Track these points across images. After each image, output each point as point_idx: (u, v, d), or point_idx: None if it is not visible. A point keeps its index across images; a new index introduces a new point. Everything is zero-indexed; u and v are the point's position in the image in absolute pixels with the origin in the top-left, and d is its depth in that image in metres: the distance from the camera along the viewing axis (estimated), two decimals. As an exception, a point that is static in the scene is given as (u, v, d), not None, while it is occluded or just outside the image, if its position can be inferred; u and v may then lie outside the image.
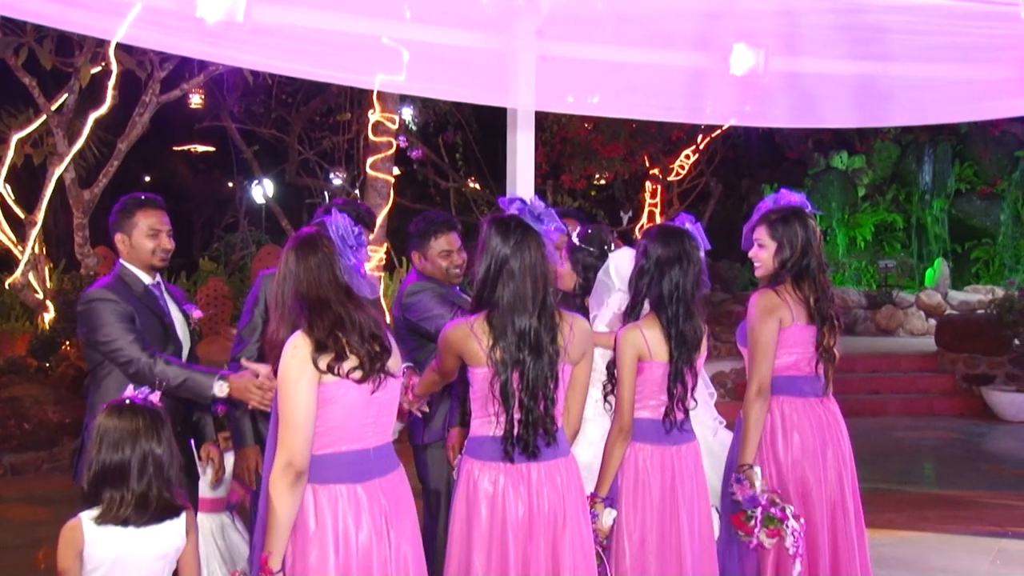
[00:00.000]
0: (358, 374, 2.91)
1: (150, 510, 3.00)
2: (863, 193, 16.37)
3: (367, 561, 2.90)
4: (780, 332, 3.88)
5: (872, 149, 16.29)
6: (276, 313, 3.01)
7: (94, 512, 2.99)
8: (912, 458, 9.19)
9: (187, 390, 3.69)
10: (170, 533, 3.05)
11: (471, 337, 3.21)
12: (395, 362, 3.07)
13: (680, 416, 3.67)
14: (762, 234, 4.00)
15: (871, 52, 4.88)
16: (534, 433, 3.19)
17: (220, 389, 3.62)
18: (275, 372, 2.97)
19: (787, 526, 3.67)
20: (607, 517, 3.53)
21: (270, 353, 3.03)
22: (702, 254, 3.76)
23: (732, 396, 10.43)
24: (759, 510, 3.69)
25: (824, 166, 16.47)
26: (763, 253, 4.01)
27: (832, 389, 4.04)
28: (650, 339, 3.61)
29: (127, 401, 3.08)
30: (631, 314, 3.71)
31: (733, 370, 10.92)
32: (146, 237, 3.94)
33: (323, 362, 2.86)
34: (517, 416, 3.18)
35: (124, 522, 2.97)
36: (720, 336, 11.09)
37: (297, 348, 2.88)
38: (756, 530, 3.67)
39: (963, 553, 5.96)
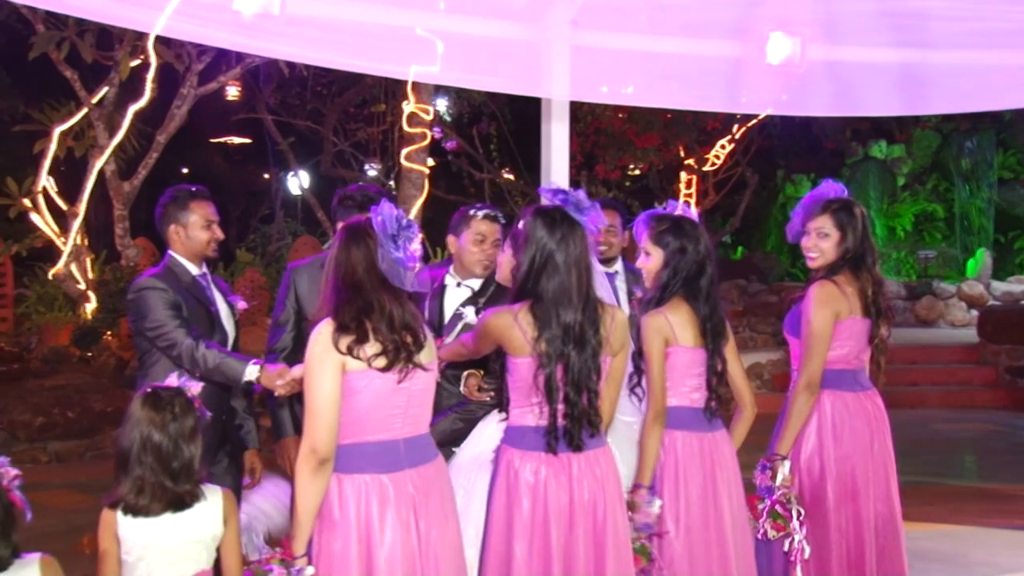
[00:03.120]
0: (381, 361, 2.90)
1: (157, 499, 3.01)
2: (902, 183, 16.18)
3: (392, 552, 2.90)
4: (835, 325, 3.84)
5: (912, 138, 16.09)
6: (320, 300, 3.04)
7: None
8: (952, 450, 9.08)
9: (221, 374, 3.76)
10: (201, 519, 3.06)
11: (514, 327, 3.19)
12: (428, 355, 3.05)
13: (714, 391, 3.66)
14: (826, 223, 3.95)
15: (912, 39, 4.80)
16: (578, 426, 3.18)
17: (251, 374, 3.69)
18: None
19: (792, 527, 3.67)
20: (655, 505, 3.50)
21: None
22: None
23: (768, 388, 10.36)
24: (768, 502, 3.71)
25: (862, 155, 16.28)
26: (825, 243, 3.95)
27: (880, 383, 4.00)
28: (675, 324, 3.60)
29: (149, 389, 3.12)
30: (656, 302, 3.68)
31: (769, 361, 10.83)
32: (201, 228, 4.04)
33: (343, 343, 2.86)
34: (561, 408, 3.17)
35: (135, 511, 3.00)
36: (755, 327, 11.04)
37: (320, 333, 2.90)
38: (762, 519, 3.70)
39: (1004, 548, 5.88)
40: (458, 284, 4.22)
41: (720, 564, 3.57)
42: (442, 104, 14.04)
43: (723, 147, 14.18)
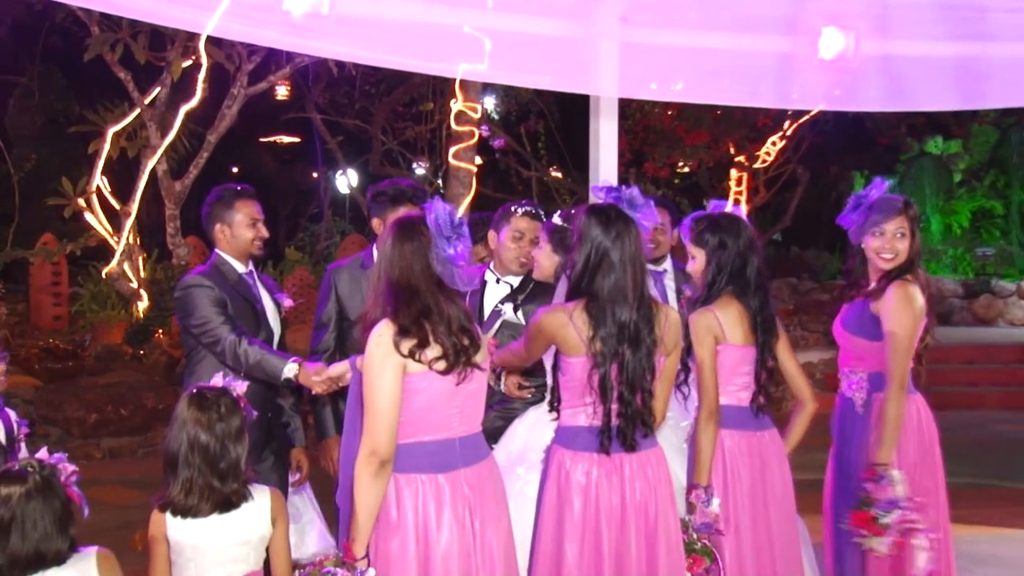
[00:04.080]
0: (442, 364, 2.90)
1: (205, 499, 3.02)
2: (959, 179, 15.87)
3: (449, 551, 2.90)
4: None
5: (969, 133, 15.77)
6: (371, 295, 3.04)
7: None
8: (1011, 452, 8.86)
9: (262, 370, 3.79)
10: (248, 520, 3.08)
11: (569, 325, 3.16)
12: (483, 355, 3.06)
13: (764, 389, 3.63)
14: (904, 224, 3.87)
15: (969, 32, 4.69)
16: (632, 426, 3.16)
17: (290, 371, 3.73)
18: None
19: (920, 539, 3.57)
20: (715, 504, 3.47)
21: (363, 332, 3.02)
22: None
23: (820, 387, 10.15)
24: (896, 513, 3.56)
25: (918, 151, 15.99)
26: (903, 244, 3.87)
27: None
28: (724, 321, 3.57)
29: (196, 389, 3.13)
30: (704, 301, 3.66)
31: (821, 360, 10.68)
32: (246, 227, 4.08)
33: (405, 347, 2.86)
34: (615, 408, 3.15)
35: (184, 512, 3.01)
36: (807, 325, 10.88)
37: (381, 336, 2.89)
38: (887, 533, 3.56)
39: (1065, 553, 5.74)
40: (497, 280, 4.22)
41: (769, 564, 3.54)
42: (490, 102, 14.04)
43: (774, 144, 13.99)
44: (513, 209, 4.25)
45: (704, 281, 3.68)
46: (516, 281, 4.20)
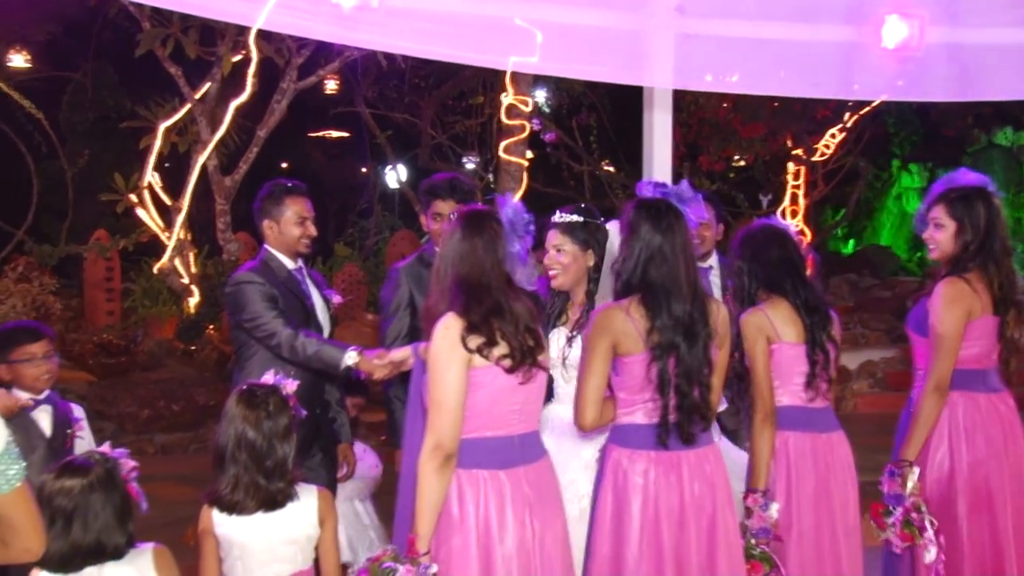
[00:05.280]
0: (508, 363, 2.88)
1: (251, 496, 3.02)
2: (1031, 171, 15.51)
3: (509, 549, 2.88)
4: (967, 324, 3.64)
5: (1042, 123, 15.38)
6: (436, 288, 3.01)
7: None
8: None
9: (320, 361, 3.80)
10: (295, 519, 3.08)
11: (628, 320, 3.13)
12: (547, 356, 3.05)
13: (824, 387, 3.56)
14: (940, 214, 3.76)
15: (1042, 17, 4.56)
16: (690, 420, 3.13)
17: (350, 359, 3.74)
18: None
19: (925, 537, 3.50)
20: (772, 509, 3.42)
21: (427, 324, 3.01)
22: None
23: (882, 387, 10.02)
24: (899, 510, 3.54)
25: (985, 143, 15.61)
26: (940, 234, 3.76)
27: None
28: (775, 319, 3.53)
29: (245, 386, 3.13)
30: (744, 301, 3.64)
31: (882, 359, 10.45)
32: (293, 224, 4.09)
33: (472, 343, 2.84)
34: (672, 402, 3.11)
35: (230, 508, 3.02)
36: (867, 323, 10.68)
37: (448, 329, 2.86)
38: (889, 528, 3.56)
39: None
40: None
41: (833, 570, 3.48)
42: (541, 95, 13.94)
43: (833, 136, 13.71)
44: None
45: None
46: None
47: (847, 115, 13.38)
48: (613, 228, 3.72)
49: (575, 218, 3.74)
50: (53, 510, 2.70)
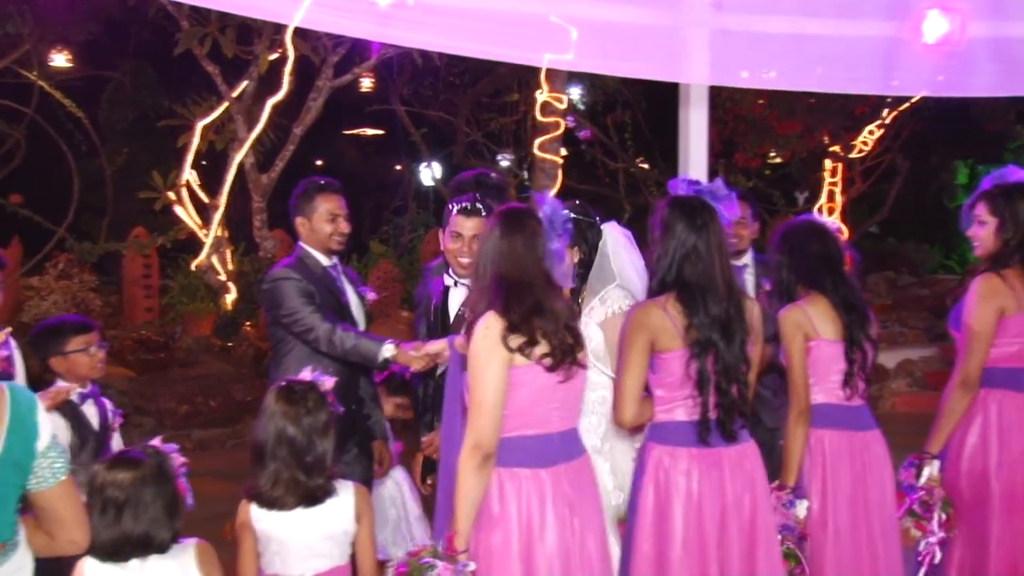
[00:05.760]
0: (548, 361, 2.88)
1: (290, 492, 3.03)
2: (1076, 169, 15.21)
3: (551, 547, 2.87)
4: (1001, 321, 3.61)
5: (1089, 119, 15.10)
6: (475, 286, 3.02)
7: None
8: None
9: (358, 354, 3.83)
10: (332, 515, 3.09)
11: (666, 317, 3.13)
12: (586, 353, 3.05)
13: (861, 386, 3.55)
14: (982, 210, 3.74)
15: (1090, 11, 4.49)
16: (730, 417, 3.13)
17: (387, 351, 3.77)
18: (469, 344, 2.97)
19: (929, 528, 3.55)
20: (800, 507, 3.42)
21: (467, 325, 3.02)
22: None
23: (920, 386, 9.90)
24: (907, 500, 3.60)
25: (1028, 139, 15.40)
26: (983, 231, 3.74)
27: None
28: (814, 316, 3.51)
29: (284, 383, 3.14)
30: (782, 298, 3.64)
31: (921, 358, 10.33)
32: (325, 221, 4.12)
33: (514, 342, 2.84)
34: (712, 400, 3.11)
35: (269, 504, 3.03)
36: (906, 322, 10.56)
37: (489, 328, 2.86)
38: (900, 516, 3.60)
39: None
40: (455, 283, 4.05)
41: (870, 569, 3.47)
42: (575, 93, 13.89)
43: (871, 133, 13.56)
44: (450, 206, 4.04)
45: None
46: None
47: (886, 111, 13.22)
48: (610, 230, 3.68)
49: None
50: (105, 500, 2.72)
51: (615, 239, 3.63)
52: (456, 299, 4.06)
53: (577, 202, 3.69)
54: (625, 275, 3.59)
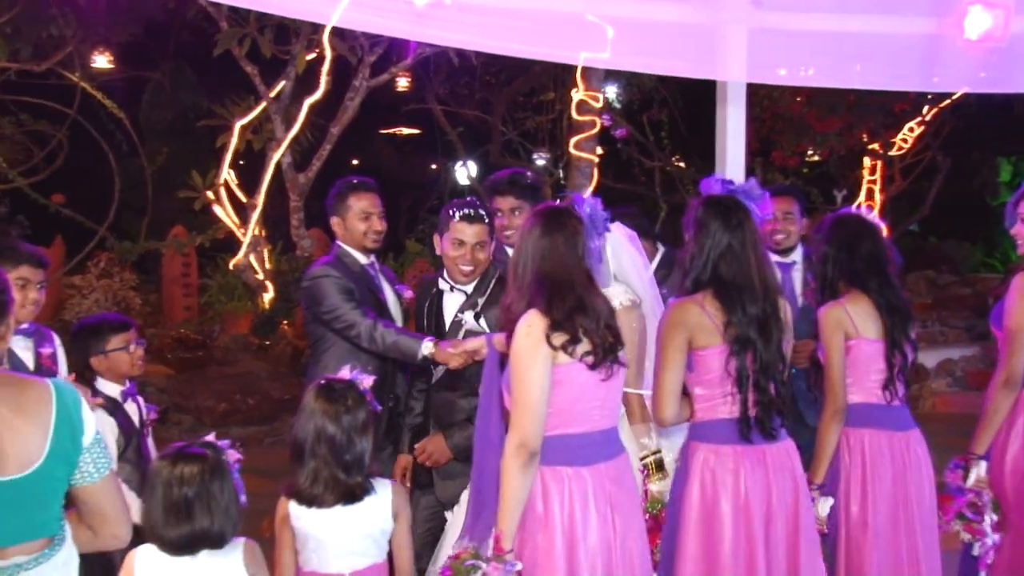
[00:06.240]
0: (590, 359, 2.88)
1: (330, 490, 3.05)
2: (1123, 165, 14.97)
3: (593, 545, 2.88)
4: None
5: None
6: (514, 285, 3.00)
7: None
8: None
9: (398, 350, 3.85)
10: (371, 513, 3.10)
11: (703, 314, 3.13)
12: (625, 351, 3.05)
13: (901, 388, 3.53)
14: None
15: None
16: (769, 415, 3.12)
17: (427, 348, 3.77)
18: (508, 342, 2.97)
19: (981, 528, 3.52)
20: (823, 505, 3.43)
21: (505, 324, 3.01)
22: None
23: (961, 385, 9.79)
24: (956, 503, 3.59)
25: (1073, 136, 15.12)
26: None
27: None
28: (855, 315, 3.50)
29: (324, 381, 3.15)
30: (823, 295, 3.63)
31: (962, 357, 10.23)
32: (359, 220, 4.16)
33: (557, 340, 2.84)
34: (752, 398, 3.10)
35: (309, 501, 3.04)
36: (946, 321, 10.44)
37: (532, 327, 2.86)
38: (949, 518, 3.59)
39: None
40: (451, 289, 4.02)
41: (910, 569, 3.46)
42: (612, 91, 13.85)
43: (911, 130, 13.39)
44: (450, 212, 4.01)
45: (820, 275, 3.69)
46: (470, 288, 4.00)
47: (926, 108, 13.06)
48: (613, 230, 3.63)
49: None
50: (171, 495, 2.72)
51: (616, 239, 3.61)
52: (451, 304, 4.04)
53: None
54: (624, 275, 3.60)
